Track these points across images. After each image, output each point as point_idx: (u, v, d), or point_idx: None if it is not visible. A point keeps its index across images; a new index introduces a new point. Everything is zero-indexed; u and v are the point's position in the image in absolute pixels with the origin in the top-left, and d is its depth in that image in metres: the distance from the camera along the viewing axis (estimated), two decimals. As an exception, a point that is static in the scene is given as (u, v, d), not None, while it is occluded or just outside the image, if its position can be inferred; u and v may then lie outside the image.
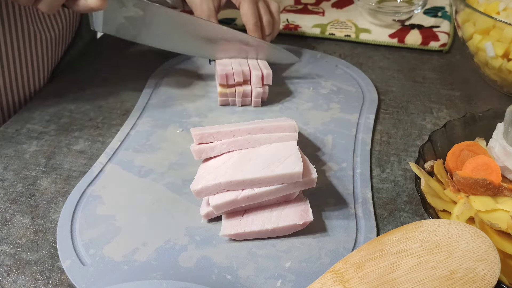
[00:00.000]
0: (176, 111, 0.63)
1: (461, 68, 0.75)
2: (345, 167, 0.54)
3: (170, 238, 0.45)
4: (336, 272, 0.37)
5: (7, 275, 0.42)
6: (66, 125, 0.61)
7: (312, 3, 0.91)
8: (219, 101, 0.64)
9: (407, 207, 0.50)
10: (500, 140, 0.49)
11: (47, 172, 0.54)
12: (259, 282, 0.41)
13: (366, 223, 0.47)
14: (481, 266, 0.36)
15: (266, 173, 0.44)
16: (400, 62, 0.76)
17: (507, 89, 0.67)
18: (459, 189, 0.47)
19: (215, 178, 0.45)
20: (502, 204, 0.45)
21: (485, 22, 0.62)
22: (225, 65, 0.62)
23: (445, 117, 0.63)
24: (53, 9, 0.49)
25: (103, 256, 0.43)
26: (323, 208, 0.48)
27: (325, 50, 0.78)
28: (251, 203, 0.45)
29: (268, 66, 0.63)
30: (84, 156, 0.56)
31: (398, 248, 0.38)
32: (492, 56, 0.63)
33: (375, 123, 0.62)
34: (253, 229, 0.44)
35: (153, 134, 0.59)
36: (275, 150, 0.48)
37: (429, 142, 0.51)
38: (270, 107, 0.64)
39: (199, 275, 0.42)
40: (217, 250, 0.44)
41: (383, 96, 0.67)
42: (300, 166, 0.45)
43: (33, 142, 0.58)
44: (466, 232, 0.38)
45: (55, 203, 0.50)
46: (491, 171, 0.48)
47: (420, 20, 0.84)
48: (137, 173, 0.53)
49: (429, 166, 0.49)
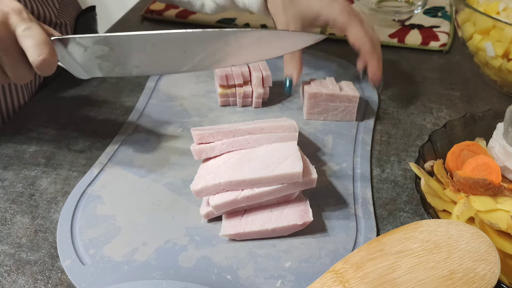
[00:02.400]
0: (176, 111, 0.63)
1: (461, 68, 0.75)
2: (345, 167, 0.54)
3: (170, 238, 0.45)
4: (336, 272, 0.37)
5: (7, 275, 0.42)
6: (66, 125, 0.61)
7: (312, 3, 0.91)
8: (220, 102, 0.64)
9: (407, 207, 0.50)
10: (500, 140, 0.49)
11: (47, 172, 0.54)
12: (259, 282, 0.41)
13: (366, 223, 0.47)
14: (481, 266, 0.36)
15: (266, 173, 0.44)
16: (400, 62, 0.76)
17: (507, 89, 0.67)
18: (459, 189, 0.47)
19: (215, 178, 0.45)
20: (502, 204, 0.45)
21: (485, 22, 0.63)
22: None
23: (445, 117, 0.63)
24: (22, 79, 0.46)
25: (103, 256, 0.43)
26: (323, 208, 0.48)
27: (325, 50, 0.78)
28: (251, 203, 0.45)
29: (267, 68, 0.63)
30: (84, 156, 0.56)
31: (398, 248, 0.38)
32: (492, 56, 0.63)
33: (375, 123, 0.62)
34: (253, 229, 0.44)
35: (153, 134, 0.59)
36: (275, 150, 0.48)
37: (429, 142, 0.51)
38: (271, 107, 0.64)
39: (199, 275, 0.42)
40: (217, 250, 0.44)
41: (383, 96, 0.67)
42: (300, 166, 0.45)
43: (33, 142, 0.58)
44: (466, 232, 0.38)
45: (55, 203, 0.50)
46: (491, 171, 0.48)
47: (420, 20, 0.84)
48: (137, 173, 0.53)
49: (429, 166, 0.49)
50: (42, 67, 0.44)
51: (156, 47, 0.45)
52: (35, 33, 0.43)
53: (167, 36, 0.45)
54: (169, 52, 0.46)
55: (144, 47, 0.45)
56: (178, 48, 0.45)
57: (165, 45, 0.45)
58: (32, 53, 0.43)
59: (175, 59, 0.47)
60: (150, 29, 0.84)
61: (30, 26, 0.43)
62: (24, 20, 0.43)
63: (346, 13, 0.59)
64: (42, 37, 0.43)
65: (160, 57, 0.46)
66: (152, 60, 0.47)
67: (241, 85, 0.62)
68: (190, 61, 0.47)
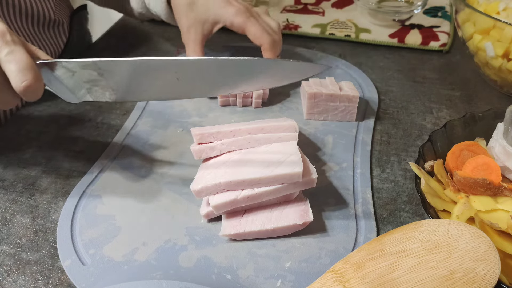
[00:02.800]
0: (176, 111, 0.63)
1: (461, 68, 0.74)
2: (345, 167, 0.54)
3: (170, 238, 0.45)
4: (336, 272, 0.37)
5: (7, 275, 0.42)
6: (66, 125, 0.61)
7: (312, 3, 0.91)
8: (220, 102, 0.63)
9: (407, 207, 0.50)
10: (500, 140, 0.49)
11: (47, 172, 0.54)
12: (259, 282, 0.41)
13: (366, 223, 0.47)
14: (481, 266, 0.36)
15: (266, 173, 0.44)
16: (400, 62, 0.76)
17: (507, 89, 0.67)
18: (459, 189, 0.47)
19: (215, 178, 0.45)
20: (502, 204, 0.45)
21: (485, 22, 0.62)
22: None
23: (445, 117, 0.63)
24: (6, 105, 0.44)
25: (103, 256, 0.43)
26: (323, 208, 0.48)
27: (325, 50, 0.78)
28: (251, 203, 0.45)
29: None
30: (84, 156, 0.56)
31: (398, 248, 0.38)
32: (492, 56, 0.63)
33: (375, 123, 0.62)
34: (253, 229, 0.44)
35: (153, 134, 0.59)
36: (275, 150, 0.48)
37: (429, 142, 0.51)
38: (271, 107, 0.64)
39: (199, 275, 0.42)
40: (217, 250, 0.44)
41: (383, 96, 0.67)
42: (300, 166, 0.45)
43: (33, 143, 0.58)
44: (466, 232, 0.38)
45: (55, 203, 0.50)
46: (491, 171, 0.48)
47: (420, 20, 0.84)
48: (137, 173, 0.53)
49: (429, 166, 0.49)
50: (26, 93, 0.41)
51: (149, 73, 0.43)
52: (19, 58, 0.40)
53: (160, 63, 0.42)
54: (163, 78, 0.43)
55: (134, 73, 0.43)
56: (171, 75, 0.42)
57: (157, 71, 0.43)
58: (15, 79, 0.40)
59: (169, 86, 0.44)
60: (150, 29, 0.84)
61: (13, 50, 0.40)
62: (7, 44, 0.41)
63: (241, 15, 0.61)
64: (26, 61, 0.40)
65: (153, 84, 0.44)
66: (143, 87, 0.44)
67: None
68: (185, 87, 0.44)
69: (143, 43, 0.80)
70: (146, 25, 0.86)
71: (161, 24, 0.84)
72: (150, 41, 0.81)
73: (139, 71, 0.43)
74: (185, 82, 0.43)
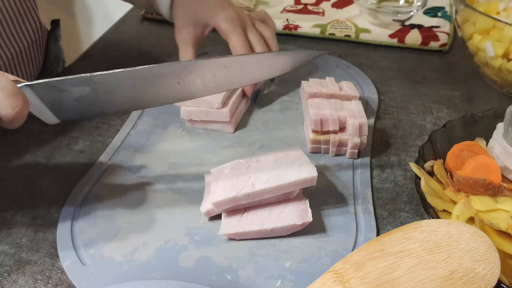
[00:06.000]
0: (176, 111, 0.63)
1: (461, 68, 0.74)
2: (345, 167, 0.54)
3: (170, 238, 0.45)
4: (336, 272, 0.37)
5: (7, 275, 0.42)
6: (66, 125, 0.61)
7: (312, 3, 0.91)
8: (309, 148, 0.56)
9: (407, 207, 0.50)
10: (500, 140, 0.49)
11: (47, 172, 0.54)
12: (259, 282, 0.41)
13: (366, 223, 0.47)
14: (481, 266, 0.36)
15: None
16: (400, 62, 0.76)
17: (507, 89, 0.67)
18: (459, 189, 0.47)
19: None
20: (502, 204, 0.45)
21: (485, 22, 0.62)
22: (318, 108, 0.55)
23: (445, 117, 0.63)
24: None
25: (103, 255, 0.43)
26: (323, 208, 0.48)
27: (325, 50, 0.78)
28: (251, 200, 0.45)
29: (363, 114, 0.54)
30: (84, 156, 0.56)
31: (398, 248, 0.38)
32: (492, 56, 0.63)
33: (375, 123, 0.62)
34: (253, 228, 0.44)
35: (153, 134, 0.59)
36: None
37: (429, 142, 0.51)
38: (270, 107, 0.64)
39: (199, 275, 0.42)
40: (217, 250, 0.44)
41: (383, 96, 0.67)
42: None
43: (33, 142, 0.58)
44: (466, 232, 0.38)
45: (55, 203, 0.50)
46: (491, 171, 0.48)
47: (420, 20, 0.84)
48: (137, 173, 0.53)
49: (429, 166, 0.49)
50: (16, 119, 0.38)
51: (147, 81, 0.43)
52: (3, 84, 0.37)
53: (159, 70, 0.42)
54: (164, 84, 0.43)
55: (128, 84, 0.42)
56: (172, 78, 0.43)
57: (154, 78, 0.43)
58: (5, 107, 0.37)
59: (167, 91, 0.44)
60: (150, 29, 0.84)
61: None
62: None
63: (228, 22, 0.61)
64: (11, 86, 0.37)
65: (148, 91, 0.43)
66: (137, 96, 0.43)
67: (336, 132, 0.54)
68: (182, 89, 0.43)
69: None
70: (146, 24, 0.85)
71: (161, 24, 0.84)
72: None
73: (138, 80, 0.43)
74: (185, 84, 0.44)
